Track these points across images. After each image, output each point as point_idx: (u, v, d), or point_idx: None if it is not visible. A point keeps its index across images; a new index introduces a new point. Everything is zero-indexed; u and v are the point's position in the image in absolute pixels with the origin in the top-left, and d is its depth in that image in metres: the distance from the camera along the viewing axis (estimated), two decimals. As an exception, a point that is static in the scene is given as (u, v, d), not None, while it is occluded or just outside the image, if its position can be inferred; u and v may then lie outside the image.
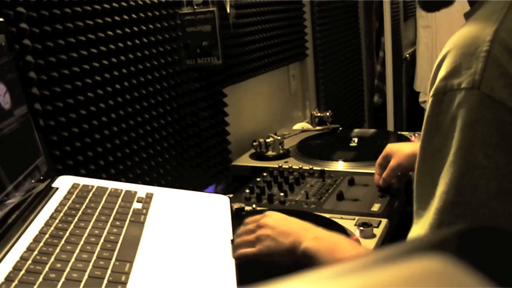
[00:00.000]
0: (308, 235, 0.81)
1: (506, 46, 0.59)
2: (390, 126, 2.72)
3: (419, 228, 0.66)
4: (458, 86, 0.61)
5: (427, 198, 0.65)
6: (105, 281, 0.61)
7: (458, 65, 0.61)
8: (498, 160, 0.59)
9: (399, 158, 1.15)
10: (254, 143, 1.54)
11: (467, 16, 0.71)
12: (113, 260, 0.66)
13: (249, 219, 0.88)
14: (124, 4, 1.14)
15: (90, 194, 0.84)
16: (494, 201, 0.60)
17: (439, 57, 0.65)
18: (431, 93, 0.64)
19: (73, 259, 0.64)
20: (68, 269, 0.62)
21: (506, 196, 0.59)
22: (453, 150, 0.61)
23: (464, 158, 0.60)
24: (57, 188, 0.84)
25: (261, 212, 1.13)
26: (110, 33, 1.10)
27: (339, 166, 1.41)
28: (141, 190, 0.90)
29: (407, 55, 3.47)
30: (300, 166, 1.39)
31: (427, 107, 0.65)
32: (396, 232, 1.07)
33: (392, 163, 1.15)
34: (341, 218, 1.06)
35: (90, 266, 0.63)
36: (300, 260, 0.80)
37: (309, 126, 2.00)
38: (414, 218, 0.68)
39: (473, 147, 0.60)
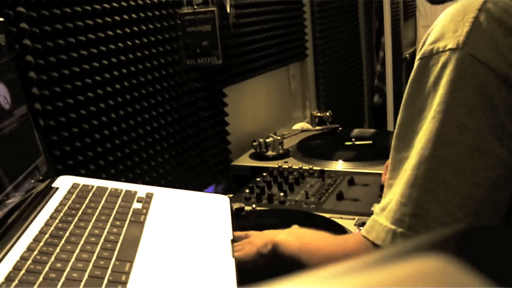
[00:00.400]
0: (282, 232, 0.84)
1: (492, 14, 0.61)
2: (390, 126, 2.72)
3: (390, 195, 0.66)
4: (443, 48, 0.63)
5: (401, 165, 0.66)
6: (105, 281, 0.61)
7: (446, 30, 0.64)
8: (476, 118, 0.60)
9: None
10: (254, 143, 1.54)
11: None
12: (113, 260, 0.66)
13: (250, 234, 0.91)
14: (124, 4, 1.14)
15: (90, 194, 0.84)
16: (469, 158, 0.60)
17: (431, 27, 0.67)
18: (417, 57, 0.66)
19: (73, 259, 0.64)
20: (68, 268, 0.62)
21: (480, 155, 0.60)
22: (434, 107, 0.62)
23: (443, 113, 0.61)
24: (57, 188, 0.84)
25: (261, 212, 1.14)
26: (110, 33, 1.10)
27: (339, 166, 1.41)
28: (141, 190, 0.90)
29: (407, 55, 3.47)
30: (300, 166, 1.39)
31: (412, 71, 0.66)
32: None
33: None
34: (341, 218, 1.06)
35: (90, 266, 0.63)
36: (270, 256, 0.81)
37: (309, 126, 2.00)
38: (385, 189, 0.69)
39: (453, 103, 0.61)
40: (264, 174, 1.35)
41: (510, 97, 0.60)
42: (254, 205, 1.15)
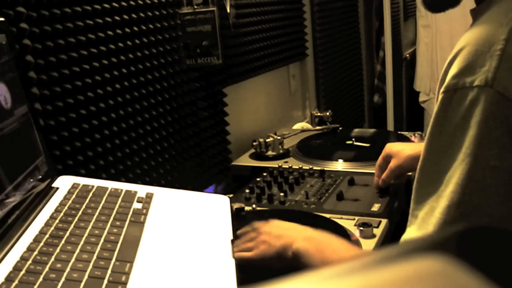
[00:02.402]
0: (299, 236, 0.82)
1: None
2: (390, 126, 2.72)
3: (415, 229, 0.65)
4: (470, 83, 0.59)
5: (427, 198, 0.64)
6: (105, 281, 0.61)
7: (472, 62, 0.60)
8: (508, 161, 0.58)
9: (399, 159, 1.13)
10: (254, 143, 1.53)
11: (475, 12, 0.70)
12: (113, 260, 0.66)
13: (255, 224, 0.90)
14: (124, 4, 1.14)
15: (90, 194, 0.84)
16: (501, 204, 0.58)
17: (451, 55, 0.64)
18: (441, 90, 0.63)
19: (73, 259, 0.64)
20: (68, 269, 0.62)
21: None
22: (464, 149, 0.60)
23: (474, 157, 0.59)
24: (57, 188, 0.84)
25: (261, 212, 1.14)
26: (110, 33, 1.10)
27: (339, 166, 1.41)
28: (141, 190, 0.90)
29: (407, 55, 3.47)
30: (300, 166, 1.39)
31: (436, 104, 0.64)
32: (396, 232, 1.07)
33: (392, 164, 1.14)
34: (341, 218, 1.06)
35: (90, 266, 0.63)
36: (290, 263, 0.80)
37: (309, 126, 2.00)
38: (410, 218, 0.67)
39: (484, 146, 0.58)
40: (264, 174, 1.35)
41: None
42: (254, 205, 1.15)
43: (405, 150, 1.14)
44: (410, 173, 1.19)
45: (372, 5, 2.91)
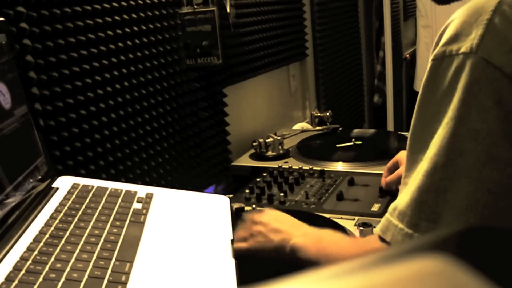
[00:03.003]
0: (297, 232, 0.83)
1: (507, 16, 0.60)
2: (390, 126, 2.72)
3: (404, 195, 0.67)
4: (456, 51, 0.62)
5: (416, 165, 0.66)
6: (105, 281, 0.61)
7: (459, 32, 0.62)
8: (490, 124, 0.59)
9: None
10: (254, 143, 1.54)
11: None
12: (113, 260, 0.66)
13: (248, 215, 0.91)
14: (124, 4, 1.14)
15: (90, 194, 0.84)
16: (483, 166, 0.60)
17: (443, 26, 0.66)
18: (430, 58, 0.65)
19: (73, 259, 0.64)
20: (68, 269, 0.62)
21: (494, 162, 0.60)
22: (448, 113, 0.62)
23: (457, 120, 0.61)
24: (57, 188, 0.84)
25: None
26: (110, 33, 1.10)
27: (339, 166, 1.41)
28: (141, 190, 0.90)
29: (407, 55, 3.47)
30: (300, 166, 1.39)
31: (426, 72, 0.66)
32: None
33: (400, 170, 1.15)
34: (341, 218, 1.06)
35: (90, 266, 0.63)
36: (287, 258, 0.81)
37: (309, 126, 2.00)
38: (401, 187, 0.69)
39: (467, 110, 0.60)
40: (264, 174, 1.35)
41: None
42: (254, 205, 1.15)
43: None
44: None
45: (372, 5, 2.91)
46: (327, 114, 2.00)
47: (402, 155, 1.18)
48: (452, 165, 0.61)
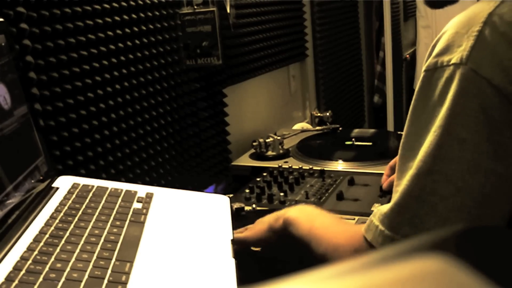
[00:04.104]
0: (292, 209, 0.87)
1: (497, 27, 0.61)
2: (390, 126, 2.72)
3: (392, 200, 0.68)
4: (448, 62, 0.63)
5: (404, 174, 0.67)
6: (105, 281, 0.61)
7: (450, 43, 0.64)
8: (477, 134, 0.60)
9: None
10: (254, 143, 1.54)
11: None
12: (113, 260, 0.66)
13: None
14: (124, 4, 1.14)
15: (90, 194, 0.84)
16: (469, 175, 0.61)
17: (436, 37, 0.67)
18: (422, 69, 0.67)
19: (73, 259, 0.64)
20: (68, 269, 0.62)
21: (478, 171, 0.61)
22: (437, 122, 0.63)
23: (444, 128, 0.62)
24: (57, 188, 0.84)
25: (261, 212, 1.14)
26: (110, 33, 1.10)
27: (339, 166, 1.41)
28: (141, 190, 0.90)
29: (407, 55, 3.47)
30: (300, 166, 1.39)
31: (418, 83, 0.67)
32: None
33: None
34: (341, 218, 1.06)
35: (90, 266, 0.63)
36: (281, 233, 0.84)
37: (309, 126, 2.00)
38: (393, 195, 0.70)
39: (454, 119, 0.61)
40: (264, 174, 1.35)
41: (511, 114, 0.60)
42: (254, 205, 1.15)
43: None
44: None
45: (372, 5, 2.91)
46: (327, 114, 2.00)
47: None
48: (437, 172, 0.62)
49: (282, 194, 1.21)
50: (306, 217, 0.83)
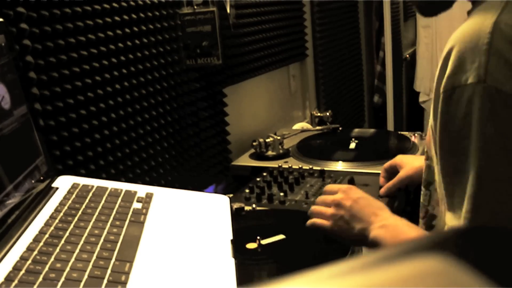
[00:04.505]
0: (377, 223, 0.84)
1: (506, 36, 0.61)
2: (390, 126, 2.72)
3: (456, 218, 0.68)
4: (465, 81, 0.62)
5: (456, 193, 0.67)
6: (105, 281, 0.61)
7: (463, 60, 0.62)
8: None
9: (409, 170, 1.13)
10: (254, 143, 1.54)
11: (469, 14, 0.72)
12: (113, 260, 0.66)
13: (329, 189, 0.93)
14: (124, 4, 1.14)
15: (90, 194, 0.84)
16: None
17: (444, 54, 0.66)
18: (441, 90, 0.65)
19: (73, 259, 0.64)
20: (68, 269, 0.62)
21: None
22: (472, 146, 0.63)
23: (481, 152, 0.62)
24: (57, 188, 0.84)
25: (261, 212, 1.14)
26: (110, 33, 1.10)
27: (339, 166, 1.41)
28: (141, 190, 0.90)
29: (407, 55, 3.47)
30: (300, 166, 1.39)
31: (439, 105, 0.66)
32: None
33: (402, 174, 1.14)
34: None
35: (90, 266, 0.63)
36: (368, 246, 0.85)
37: (309, 126, 2.00)
38: (448, 209, 0.70)
39: (489, 140, 0.61)
40: (264, 174, 1.35)
41: None
42: (254, 205, 1.15)
43: (414, 162, 1.14)
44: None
45: (372, 5, 2.91)
46: (327, 114, 2.00)
47: (401, 159, 1.17)
48: (494, 193, 0.63)
49: (282, 194, 1.21)
50: (390, 234, 0.81)
